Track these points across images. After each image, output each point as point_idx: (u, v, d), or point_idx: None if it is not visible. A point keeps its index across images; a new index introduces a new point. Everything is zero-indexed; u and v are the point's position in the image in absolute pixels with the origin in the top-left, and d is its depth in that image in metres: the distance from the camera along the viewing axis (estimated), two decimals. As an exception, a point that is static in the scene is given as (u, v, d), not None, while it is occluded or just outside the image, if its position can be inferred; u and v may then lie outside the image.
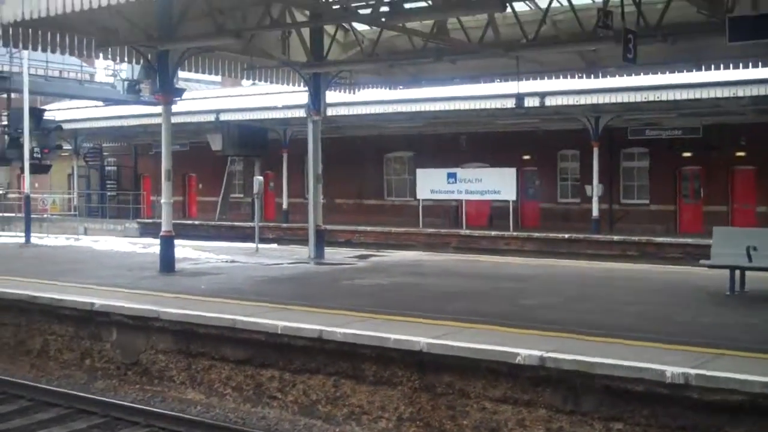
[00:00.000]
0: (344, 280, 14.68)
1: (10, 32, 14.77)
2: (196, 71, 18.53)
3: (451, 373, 8.48)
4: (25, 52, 23.07)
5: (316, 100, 18.91)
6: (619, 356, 7.77)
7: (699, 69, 18.09)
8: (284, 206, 38.52)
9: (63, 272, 15.28)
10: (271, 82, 20.48)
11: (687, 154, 31.26)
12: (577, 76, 19.13)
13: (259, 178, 22.40)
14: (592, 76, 18.87)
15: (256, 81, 20.95)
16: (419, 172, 35.18)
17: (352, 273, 15.90)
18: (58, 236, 27.44)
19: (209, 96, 42.13)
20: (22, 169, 26.54)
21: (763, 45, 13.27)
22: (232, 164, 42.89)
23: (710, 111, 28.36)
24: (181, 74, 17.70)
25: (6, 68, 27.82)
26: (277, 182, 39.64)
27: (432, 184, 34.16)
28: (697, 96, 25.36)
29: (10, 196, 43.49)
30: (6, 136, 27.09)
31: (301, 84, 19.53)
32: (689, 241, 26.34)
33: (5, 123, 27.50)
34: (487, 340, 8.60)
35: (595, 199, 30.80)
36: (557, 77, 19.63)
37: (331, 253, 19.98)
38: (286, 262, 18.03)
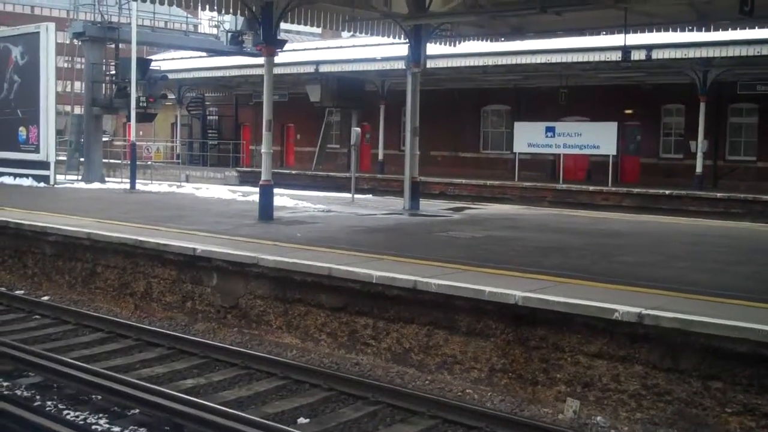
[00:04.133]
0: (438, 231, 14.69)
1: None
2: (299, 23, 18.63)
3: (545, 327, 8.42)
4: (134, 3, 23.69)
5: (417, 52, 18.76)
6: (721, 315, 7.57)
7: (819, 21, 17.17)
8: (380, 157, 38.70)
9: (166, 218, 15.74)
10: (372, 35, 20.43)
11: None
12: (687, 29, 18.39)
13: (356, 130, 22.51)
14: (704, 29, 18.10)
15: (357, 33, 20.90)
16: (517, 125, 34.76)
17: (446, 225, 15.89)
18: (161, 183, 28.23)
19: (309, 48, 42.38)
20: (128, 118, 27.35)
21: None
22: (329, 115, 43.17)
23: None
24: (282, 26, 17.79)
25: (115, 19, 28.52)
26: (373, 134, 39.74)
27: (529, 137, 33.74)
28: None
29: (116, 143, 44.94)
30: (114, 86, 27.90)
31: (401, 36, 19.40)
32: (799, 199, 25.34)
33: (113, 72, 28.29)
34: (584, 295, 8.49)
35: (699, 155, 29.86)
36: (666, 30, 18.86)
37: (426, 205, 20.02)
38: (381, 212, 18.15)
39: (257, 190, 17.05)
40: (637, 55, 25.64)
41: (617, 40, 20.28)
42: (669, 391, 7.64)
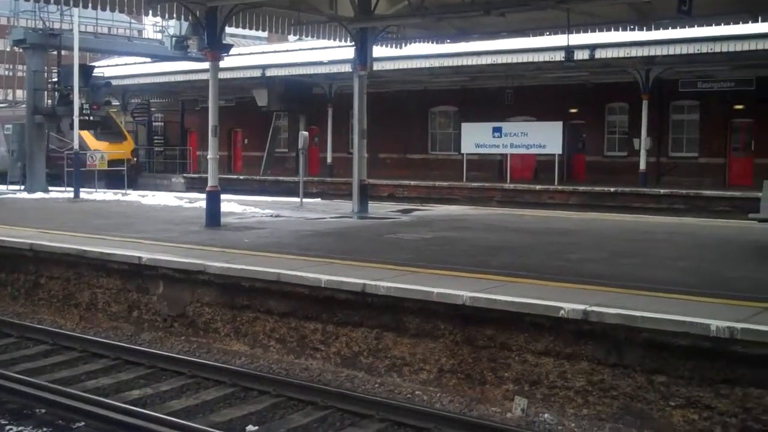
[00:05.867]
0: (387, 234, 14.70)
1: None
2: (244, 27, 18.53)
3: (493, 327, 8.47)
4: (76, 9, 23.25)
5: (363, 55, 18.79)
6: (664, 310, 7.69)
7: (756, 21, 17.56)
8: (328, 161, 38.72)
9: (111, 227, 15.51)
10: (318, 38, 20.40)
11: (739, 107, 30.60)
12: (628, 28, 18.73)
13: (304, 133, 22.44)
14: (645, 28, 18.44)
15: (303, 37, 20.86)
16: (464, 126, 35.01)
17: (395, 227, 15.91)
18: (106, 191, 27.83)
19: (255, 52, 42.16)
20: (71, 125, 26.88)
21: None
22: (277, 119, 43.00)
23: (765, 63, 27.58)
24: (228, 30, 17.68)
25: (56, 25, 28.05)
26: (322, 137, 39.71)
27: (477, 138, 34.02)
28: (753, 48, 24.66)
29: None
30: (56, 93, 27.42)
31: (348, 39, 19.41)
32: (738, 194, 25.89)
33: (56, 80, 27.81)
34: (531, 294, 8.57)
35: (642, 152, 30.42)
36: (608, 30, 19.20)
37: (375, 208, 20.04)
38: (329, 216, 18.12)
39: (204, 196, 16.90)
40: (581, 55, 25.98)
41: (561, 40, 20.53)
42: (614, 387, 7.75)
